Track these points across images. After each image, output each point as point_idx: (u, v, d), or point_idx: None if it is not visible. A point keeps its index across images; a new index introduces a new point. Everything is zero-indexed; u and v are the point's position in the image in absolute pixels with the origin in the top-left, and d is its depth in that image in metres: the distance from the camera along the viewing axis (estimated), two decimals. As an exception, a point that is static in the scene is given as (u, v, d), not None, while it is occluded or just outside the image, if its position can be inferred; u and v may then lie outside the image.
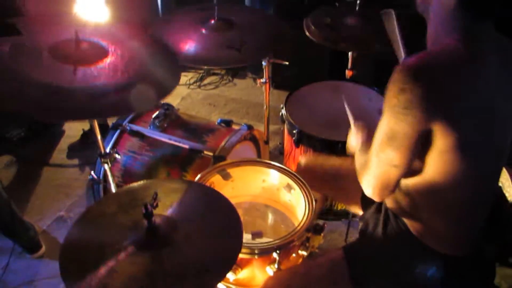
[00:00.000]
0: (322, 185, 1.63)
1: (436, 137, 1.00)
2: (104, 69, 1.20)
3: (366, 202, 1.46)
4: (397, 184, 1.12)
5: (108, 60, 1.25)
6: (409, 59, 0.99)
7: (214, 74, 3.79)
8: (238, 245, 1.06)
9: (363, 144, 1.30)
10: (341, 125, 1.95)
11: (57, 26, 1.39)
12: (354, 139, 1.42)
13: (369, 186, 1.15)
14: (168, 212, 1.12)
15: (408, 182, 1.13)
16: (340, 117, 2.04)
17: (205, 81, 3.71)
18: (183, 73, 3.77)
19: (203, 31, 1.88)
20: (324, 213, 2.10)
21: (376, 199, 1.17)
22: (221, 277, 1.01)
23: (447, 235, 1.15)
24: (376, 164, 1.10)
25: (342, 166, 1.59)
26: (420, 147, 1.03)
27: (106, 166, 1.54)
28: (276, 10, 3.38)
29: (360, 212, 1.50)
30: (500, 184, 1.74)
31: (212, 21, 1.89)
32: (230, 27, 1.91)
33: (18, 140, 2.97)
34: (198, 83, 3.68)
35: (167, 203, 1.14)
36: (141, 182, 1.24)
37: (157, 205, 1.04)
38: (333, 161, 1.62)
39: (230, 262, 1.03)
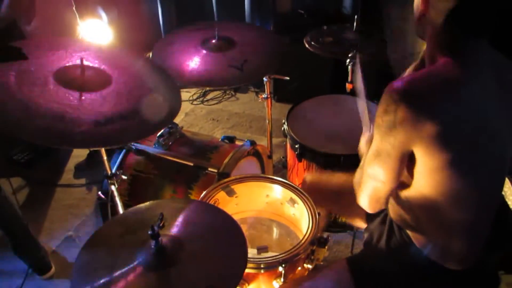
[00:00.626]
0: (326, 201, 1.65)
1: (422, 157, 1.02)
2: (109, 96, 1.24)
3: (370, 214, 1.48)
4: (388, 197, 1.16)
5: (112, 87, 1.29)
6: (396, 81, 1.01)
7: (216, 89, 3.84)
8: (243, 261, 1.09)
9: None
10: (343, 138, 1.99)
11: (62, 50, 1.42)
12: (363, 144, 1.45)
13: (362, 198, 1.21)
14: (174, 231, 1.14)
15: (409, 197, 1.15)
16: (341, 131, 2.07)
17: (208, 97, 3.76)
18: (186, 90, 3.84)
19: (205, 51, 1.92)
20: (329, 225, 2.12)
21: (368, 210, 1.22)
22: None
23: (450, 250, 1.16)
24: (366, 179, 1.16)
25: (346, 183, 1.61)
26: (405, 164, 1.07)
27: (113, 187, 1.57)
28: (276, 25, 3.44)
29: (364, 225, 1.52)
30: (502, 193, 1.75)
31: (213, 41, 1.94)
32: (231, 46, 1.95)
33: (26, 162, 3.01)
34: (201, 99, 3.73)
35: (173, 222, 1.17)
36: (147, 203, 1.27)
37: (163, 226, 1.07)
38: (337, 178, 1.64)
39: (236, 278, 1.05)
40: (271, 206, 1.75)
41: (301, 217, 1.64)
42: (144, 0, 3.71)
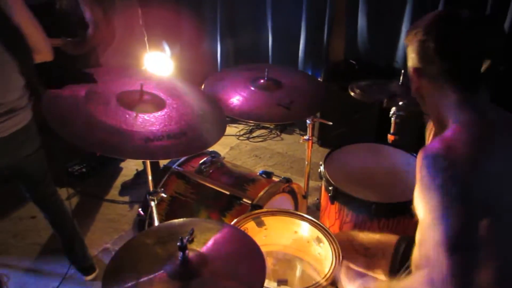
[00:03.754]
0: (351, 255, 1.65)
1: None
2: (161, 118, 1.39)
3: (393, 270, 1.49)
4: None
5: (164, 111, 1.44)
6: (432, 146, 1.02)
7: (263, 128, 3.99)
8: (260, 285, 1.15)
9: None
10: (377, 187, 2.02)
11: (127, 78, 1.61)
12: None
13: None
14: (202, 248, 1.23)
15: None
16: (377, 179, 2.11)
17: (254, 134, 3.90)
18: (234, 125, 4.01)
19: (253, 89, 2.06)
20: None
21: None
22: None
23: None
24: (454, 267, 0.94)
25: (371, 242, 1.63)
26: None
27: (152, 203, 1.69)
28: (327, 72, 3.57)
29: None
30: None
31: (262, 81, 2.08)
32: (278, 87, 2.08)
33: (79, 175, 3.26)
34: (247, 135, 3.88)
35: (202, 240, 1.25)
36: (181, 219, 1.37)
37: (192, 240, 1.15)
38: (362, 236, 1.66)
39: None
40: (298, 243, 1.79)
41: (325, 258, 1.67)
42: (205, 39, 3.99)
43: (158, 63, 3.24)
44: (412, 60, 1.20)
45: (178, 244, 1.11)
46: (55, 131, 1.26)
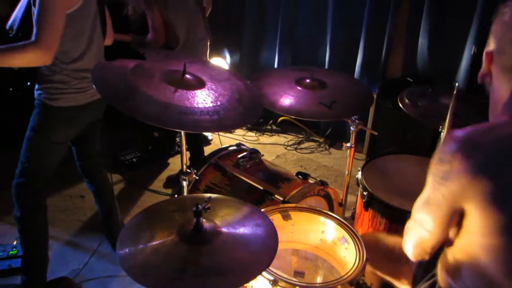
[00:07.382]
0: (378, 254, 1.60)
1: (475, 216, 0.95)
2: (198, 96, 1.44)
3: (416, 278, 1.42)
4: (434, 249, 1.11)
5: (203, 90, 1.50)
6: (457, 131, 0.97)
7: (312, 140, 3.96)
8: (264, 266, 1.15)
9: None
10: (414, 197, 1.92)
11: (175, 60, 1.69)
12: None
13: (407, 243, 1.18)
14: (218, 221, 1.24)
15: (460, 261, 1.07)
16: (414, 190, 2.00)
17: (302, 145, 3.89)
18: (283, 135, 4.03)
19: (298, 87, 2.07)
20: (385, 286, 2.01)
21: (411, 257, 1.20)
22: (239, 285, 1.09)
23: None
24: (413, 224, 1.13)
25: (397, 245, 1.57)
26: (455, 220, 1.02)
27: (184, 183, 1.73)
28: (382, 88, 3.49)
29: None
30: None
31: (308, 80, 2.08)
32: (323, 87, 2.08)
33: (129, 164, 3.42)
34: (295, 146, 3.87)
35: (220, 213, 1.27)
36: (205, 194, 1.39)
37: (208, 208, 1.17)
38: (389, 239, 1.60)
39: (251, 276, 1.11)
40: (324, 244, 1.75)
41: (350, 261, 1.61)
42: (264, 49, 4.08)
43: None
44: (488, 40, 1.04)
45: (193, 209, 1.13)
46: (100, 93, 1.36)
